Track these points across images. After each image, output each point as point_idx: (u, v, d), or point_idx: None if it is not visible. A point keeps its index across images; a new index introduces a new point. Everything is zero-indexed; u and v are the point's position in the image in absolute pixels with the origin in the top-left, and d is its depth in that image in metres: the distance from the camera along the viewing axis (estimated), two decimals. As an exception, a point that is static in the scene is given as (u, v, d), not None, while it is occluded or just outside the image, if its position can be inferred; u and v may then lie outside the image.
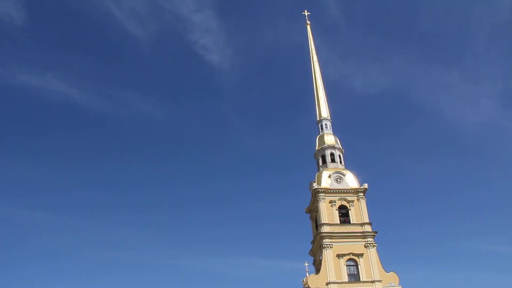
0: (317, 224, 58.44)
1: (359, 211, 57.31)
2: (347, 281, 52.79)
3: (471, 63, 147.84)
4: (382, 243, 56.60)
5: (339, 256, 53.86)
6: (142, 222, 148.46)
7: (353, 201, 58.09)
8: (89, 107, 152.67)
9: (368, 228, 56.04)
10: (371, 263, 53.75)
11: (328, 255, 53.85)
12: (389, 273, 53.72)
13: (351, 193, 58.66)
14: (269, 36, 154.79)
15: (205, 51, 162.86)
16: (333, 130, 66.70)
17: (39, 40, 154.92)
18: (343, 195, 58.39)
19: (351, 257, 54.16)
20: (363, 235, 55.52)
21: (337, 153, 63.81)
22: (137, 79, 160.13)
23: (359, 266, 53.70)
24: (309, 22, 76.64)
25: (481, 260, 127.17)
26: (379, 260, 54.31)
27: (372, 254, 54.37)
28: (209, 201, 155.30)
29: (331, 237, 55.00)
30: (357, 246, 54.85)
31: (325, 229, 55.52)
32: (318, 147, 65.16)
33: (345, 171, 61.13)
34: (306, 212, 62.79)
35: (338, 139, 65.57)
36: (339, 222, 56.63)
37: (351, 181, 59.96)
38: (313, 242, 59.25)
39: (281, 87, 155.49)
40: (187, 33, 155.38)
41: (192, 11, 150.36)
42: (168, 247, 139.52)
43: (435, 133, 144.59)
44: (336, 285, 52.27)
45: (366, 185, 59.16)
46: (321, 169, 62.57)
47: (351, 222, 56.73)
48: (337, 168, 61.88)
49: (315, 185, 59.05)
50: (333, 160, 63.12)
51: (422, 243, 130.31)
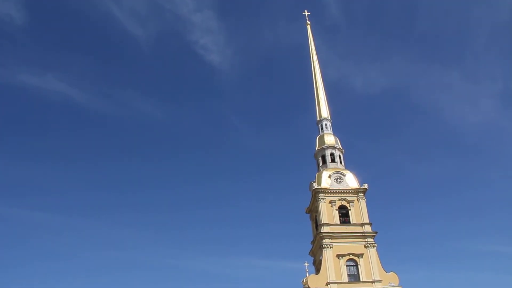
0: (317, 224, 58.45)
1: (359, 211, 57.33)
2: (347, 281, 52.81)
3: (471, 63, 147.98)
4: (382, 243, 56.79)
5: (339, 256, 53.86)
6: (142, 222, 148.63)
7: (353, 201, 58.11)
8: (89, 107, 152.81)
9: (368, 228, 56.06)
10: (371, 263, 53.76)
11: (328, 255, 53.86)
12: (389, 273, 53.74)
13: (351, 193, 58.67)
14: (269, 36, 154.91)
15: (205, 51, 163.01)
16: (333, 130, 66.73)
17: (39, 40, 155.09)
18: (343, 195, 58.41)
19: (351, 257, 54.18)
20: (363, 235, 55.54)
21: (337, 153, 63.81)
22: (137, 79, 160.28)
23: (359, 266, 53.72)
24: (309, 22, 76.72)
25: (481, 260, 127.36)
26: (379, 260, 54.32)
27: (372, 254, 54.39)
28: (209, 201, 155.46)
29: (331, 237, 55.02)
30: (357, 246, 54.87)
31: (325, 229, 55.54)
32: (318, 147, 65.17)
33: (345, 171, 61.14)
34: (306, 212, 62.81)
35: (338, 139, 65.58)
36: (339, 222, 56.66)
37: (351, 181, 59.96)
38: (313, 242, 59.25)
39: (281, 87, 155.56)
40: (187, 33, 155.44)
41: (192, 11, 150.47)
42: (168, 247, 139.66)
43: (435, 133, 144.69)
44: (336, 285, 52.28)
45: (366, 185, 59.19)
46: (321, 169, 62.59)
47: (351, 222, 56.75)
48: (337, 168, 61.89)
49: (315, 185, 59.05)
50: (333, 160, 63.14)
51: (422, 243, 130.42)
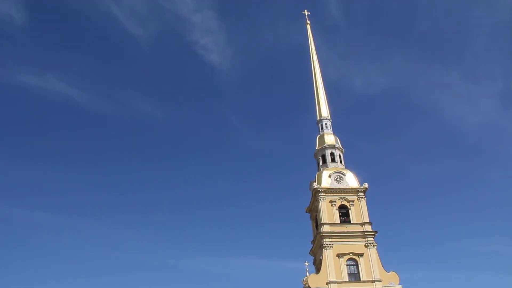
0: (317, 223, 58.44)
1: (359, 211, 57.31)
2: (347, 280, 52.79)
3: (471, 63, 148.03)
4: (382, 242, 56.73)
5: (339, 255, 53.85)
6: (142, 222, 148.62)
7: (353, 201, 58.09)
8: (89, 107, 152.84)
9: (368, 227, 56.04)
10: (371, 262, 53.74)
11: (328, 255, 53.85)
12: (389, 273, 53.72)
13: (351, 192, 58.65)
14: (269, 36, 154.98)
15: (205, 51, 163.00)
16: (333, 129, 66.73)
17: (39, 40, 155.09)
18: (343, 194, 58.40)
19: (351, 256, 54.17)
20: (363, 235, 55.53)
21: (337, 152, 63.82)
22: (137, 79, 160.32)
23: (359, 265, 53.70)
24: (309, 21, 76.78)
25: (481, 260, 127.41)
26: (379, 259, 54.31)
27: (372, 253, 54.37)
28: (209, 201, 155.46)
29: (331, 237, 55.01)
30: (357, 245, 54.85)
31: (325, 228, 55.53)
32: (318, 146, 65.16)
33: (345, 171, 61.13)
34: (306, 211, 62.80)
35: (338, 139, 65.59)
36: (339, 221, 56.64)
37: (351, 180, 59.95)
38: (313, 241, 59.24)
39: (281, 87, 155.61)
40: (187, 33, 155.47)
41: (192, 11, 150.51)
42: (168, 247, 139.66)
43: (435, 133, 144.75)
44: (336, 284, 52.27)
45: (366, 185, 59.17)
46: (321, 168, 62.58)
47: (351, 221, 56.73)
48: (337, 167, 61.89)
49: (315, 185, 59.05)
50: (333, 159, 63.13)
51: (422, 243, 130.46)
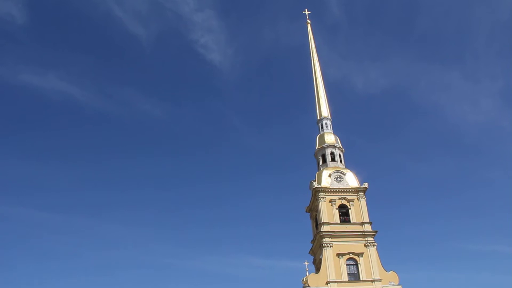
0: (317, 223, 58.43)
1: (359, 211, 57.31)
2: (347, 280, 52.82)
3: (471, 62, 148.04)
4: (382, 242, 56.79)
5: (339, 255, 53.86)
6: (142, 221, 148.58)
7: (353, 200, 58.09)
8: (89, 106, 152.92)
9: (368, 227, 56.05)
10: (371, 262, 53.76)
11: (328, 254, 53.86)
12: (389, 273, 53.75)
13: (351, 192, 58.65)
14: (270, 35, 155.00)
15: (205, 51, 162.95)
16: (333, 129, 66.71)
17: (40, 39, 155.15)
18: (343, 194, 58.40)
19: (351, 256, 54.19)
20: (363, 235, 55.54)
21: (337, 152, 63.79)
22: (138, 78, 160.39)
23: (359, 265, 53.72)
24: (309, 21, 76.81)
25: (480, 259, 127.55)
26: (379, 259, 54.32)
27: (372, 253, 54.38)
28: (209, 200, 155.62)
29: (331, 236, 55.01)
30: (357, 245, 54.87)
31: (325, 228, 55.53)
32: (318, 146, 65.14)
33: (345, 170, 61.11)
34: (306, 211, 62.79)
35: (338, 138, 65.57)
36: (339, 221, 56.65)
37: (351, 180, 59.94)
38: (313, 241, 59.23)
39: (281, 86, 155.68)
40: (188, 32, 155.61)
41: (193, 11, 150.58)
42: (168, 246, 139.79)
43: (435, 132, 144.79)
44: (336, 284, 52.29)
45: (366, 185, 59.17)
46: (321, 168, 62.57)
47: (351, 221, 56.74)
48: (337, 167, 61.88)
49: (315, 184, 59.04)
50: (333, 159, 63.11)
51: (422, 242, 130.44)
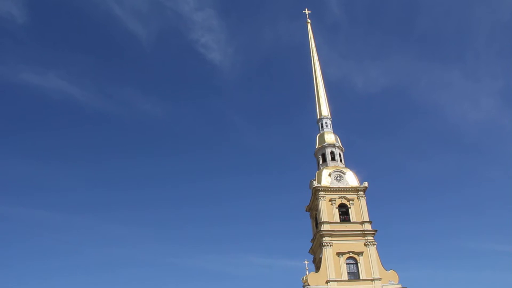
0: (317, 222, 58.48)
1: (359, 210, 57.35)
2: (347, 279, 52.87)
3: (471, 61, 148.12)
4: (382, 241, 56.89)
5: (339, 254, 53.92)
6: (142, 220, 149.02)
7: (353, 200, 58.12)
8: (90, 106, 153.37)
9: (368, 226, 56.11)
10: (370, 261, 53.81)
11: (328, 253, 53.91)
12: (389, 271, 53.78)
13: (351, 191, 58.68)
14: (270, 34, 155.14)
15: (206, 50, 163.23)
16: (333, 128, 66.73)
17: (41, 38, 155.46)
18: (343, 193, 58.42)
19: (351, 255, 54.23)
20: (363, 234, 55.58)
21: (337, 151, 63.81)
22: (138, 78, 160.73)
23: (359, 264, 53.77)
24: (309, 20, 76.83)
25: (480, 258, 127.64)
26: (379, 258, 54.36)
27: (372, 252, 54.43)
28: (209, 199, 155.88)
29: (331, 236, 55.06)
30: (357, 244, 54.92)
31: (325, 227, 55.59)
32: (318, 145, 65.15)
33: (345, 170, 61.14)
34: (306, 210, 62.82)
35: (338, 138, 65.58)
36: (339, 220, 56.70)
37: (351, 179, 59.97)
38: (313, 240, 59.29)
39: (281, 86, 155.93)
40: (188, 31, 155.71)
41: (193, 10, 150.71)
42: (168, 244, 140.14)
43: (436, 131, 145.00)
44: (336, 283, 52.34)
45: (366, 184, 59.19)
46: (321, 167, 62.60)
47: (351, 220, 56.78)
48: (337, 166, 61.91)
49: (315, 184, 59.08)
50: (333, 158, 63.15)
51: (422, 241, 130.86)
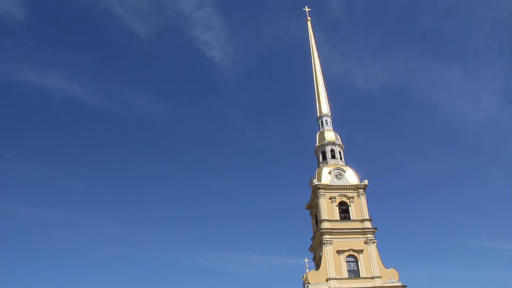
0: (317, 220, 58.45)
1: (359, 208, 57.31)
2: (347, 277, 52.86)
3: (472, 60, 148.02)
4: (382, 239, 56.96)
5: (339, 252, 53.91)
6: (142, 218, 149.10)
7: (353, 198, 58.08)
8: (90, 104, 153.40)
9: (368, 224, 56.07)
10: (371, 259, 53.80)
11: (328, 251, 53.90)
12: (389, 269, 53.78)
13: (351, 189, 58.64)
14: (270, 32, 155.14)
15: (206, 48, 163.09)
16: (333, 126, 66.63)
17: (41, 37, 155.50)
18: (343, 191, 58.38)
19: (351, 253, 54.24)
20: (363, 232, 55.57)
21: (337, 149, 63.75)
22: (138, 76, 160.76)
23: (359, 262, 53.77)
24: (309, 18, 76.66)
25: (480, 256, 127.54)
26: (379, 256, 54.36)
27: (372, 250, 54.42)
28: (209, 197, 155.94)
29: (331, 233, 55.04)
30: (357, 242, 54.90)
31: (325, 225, 55.57)
32: (318, 143, 65.08)
33: (345, 168, 61.08)
34: (306, 208, 62.79)
35: (338, 136, 65.52)
36: (339, 218, 56.67)
37: (351, 177, 59.93)
38: (313, 238, 59.25)
39: (281, 84, 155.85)
40: (188, 29, 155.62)
41: (193, 8, 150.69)
42: (168, 243, 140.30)
43: (436, 130, 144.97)
44: (336, 281, 52.32)
45: (366, 182, 59.13)
46: (321, 165, 62.53)
47: (351, 218, 56.75)
48: (337, 164, 61.82)
49: (315, 181, 59.02)
50: (333, 156, 63.10)
51: (422, 239, 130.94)
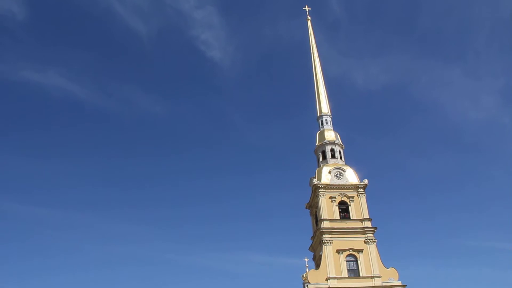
0: (317, 219, 58.46)
1: (359, 207, 57.30)
2: (347, 276, 52.86)
3: (472, 59, 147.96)
4: (381, 239, 56.91)
5: (339, 251, 53.91)
6: (142, 217, 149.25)
7: (353, 197, 58.07)
8: (90, 103, 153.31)
9: (368, 224, 56.06)
10: (370, 258, 53.79)
11: (328, 251, 53.90)
12: (389, 269, 53.77)
13: (351, 188, 58.64)
14: (270, 32, 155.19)
15: (206, 47, 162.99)
16: (333, 125, 66.59)
17: (41, 36, 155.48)
18: (343, 190, 58.38)
19: (351, 252, 54.23)
20: (363, 231, 55.57)
21: (337, 148, 63.74)
22: (138, 75, 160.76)
23: (358, 261, 53.76)
24: (309, 17, 76.61)
25: (481, 256, 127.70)
26: (378, 255, 54.35)
27: (371, 249, 54.41)
28: (209, 197, 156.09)
29: (331, 233, 55.06)
30: (357, 241, 54.90)
31: (325, 224, 55.57)
32: (318, 142, 65.08)
33: (345, 167, 61.08)
34: (306, 207, 62.79)
35: (338, 135, 65.50)
36: (339, 217, 56.68)
37: (351, 177, 59.93)
38: (313, 237, 59.26)
39: (281, 83, 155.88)
40: (189, 29, 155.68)
41: (193, 7, 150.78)
42: (168, 242, 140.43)
43: (436, 129, 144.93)
44: (335, 280, 52.33)
45: (366, 181, 59.13)
46: (321, 164, 62.53)
47: (351, 217, 56.75)
48: (337, 163, 61.82)
49: (315, 181, 59.02)
50: (333, 155, 63.09)
51: (422, 239, 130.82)
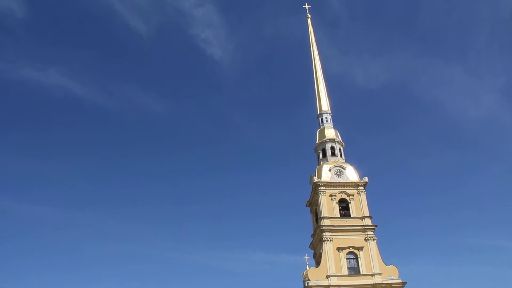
0: (317, 217, 58.51)
1: (359, 205, 57.34)
2: (347, 274, 52.90)
3: (473, 58, 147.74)
4: (382, 236, 56.91)
5: (339, 249, 53.95)
6: (142, 216, 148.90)
7: (353, 195, 58.11)
8: (90, 102, 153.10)
9: (368, 221, 56.09)
10: (371, 256, 53.83)
11: (328, 248, 53.95)
12: (389, 266, 53.81)
13: (352, 186, 58.66)
14: (270, 30, 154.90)
15: (206, 45, 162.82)
16: (333, 123, 66.62)
17: (41, 34, 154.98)
18: (343, 188, 58.41)
19: (351, 250, 54.26)
20: (363, 229, 55.59)
21: (337, 146, 63.77)
22: (139, 74, 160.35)
23: (359, 259, 53.80)
24: (309, 15, 76.53)
25: (481, 254, 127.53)
26: (379, 253, 54.39)
27: (372, 247, 54.44)
28: (209, 195, 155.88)
29: (331, 231, 55.08)
30: (357, 239, 54.93)
31: (325, 222, 55.60)
32: (318, 140, 65.11)
33: (345, 165, 61.10)
34: (306, 205, 62.84)
35: (338, 133, 65.52)
36: (339, 215, 56.72)
37: (351, 174, 59.95)
38: (313, 235, 59.32)
39: (281, 81, 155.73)
40: (189, 27, 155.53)
41: (193, 6, 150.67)
42: (168, 240, 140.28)
43: (436, 127, 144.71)
44: (336, 278, 52.38)
45: (366, 179, 59.17)
46: (321, 162, 62.56)
47: (351, 215, 56.80)
48: (337, 161, 61.86)
49: (316, 179, 59.05)
50: (333, 153, 63.10)
51: (422, 236, 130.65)
